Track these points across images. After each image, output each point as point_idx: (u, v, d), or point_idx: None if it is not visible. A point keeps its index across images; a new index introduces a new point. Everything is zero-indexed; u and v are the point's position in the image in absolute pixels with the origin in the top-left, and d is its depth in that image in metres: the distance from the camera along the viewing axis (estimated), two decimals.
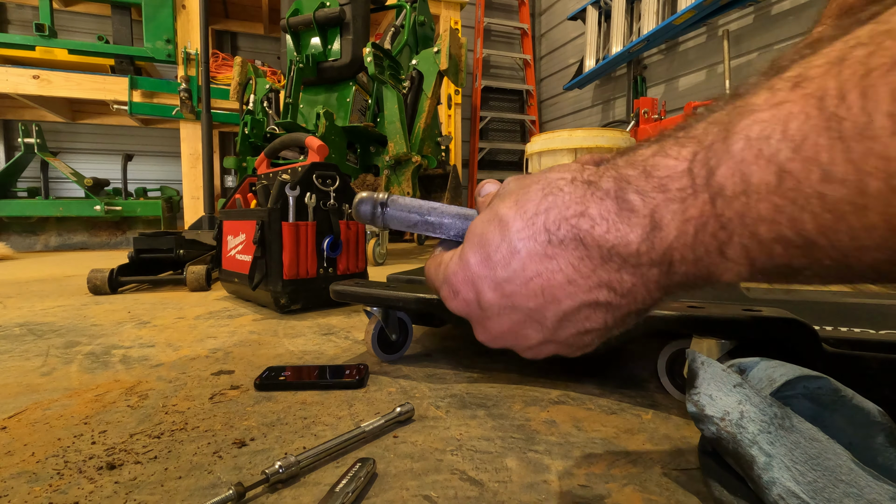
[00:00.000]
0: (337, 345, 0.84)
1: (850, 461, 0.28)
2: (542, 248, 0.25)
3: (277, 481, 0.39)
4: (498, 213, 0.26)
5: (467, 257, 0.27)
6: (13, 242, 3.14)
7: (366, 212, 0.32)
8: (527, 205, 0.26)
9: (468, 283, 0.27)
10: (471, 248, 0.27)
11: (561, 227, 0.24)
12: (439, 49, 2.45)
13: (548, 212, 0.25)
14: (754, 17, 2.86)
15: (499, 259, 0.26)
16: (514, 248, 0.25)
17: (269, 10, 4.65)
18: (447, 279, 0.28)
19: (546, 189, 0.26)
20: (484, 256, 0.26)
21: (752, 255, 0.20)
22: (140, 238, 1.58)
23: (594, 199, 0.24)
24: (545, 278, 0.25)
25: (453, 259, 0.28)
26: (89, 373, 0.70)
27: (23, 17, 4.30)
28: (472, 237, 0.27)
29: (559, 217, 0.24)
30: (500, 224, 0.26)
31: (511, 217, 0.26)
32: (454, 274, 0.28)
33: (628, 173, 0.23)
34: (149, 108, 3.43)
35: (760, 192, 0.19)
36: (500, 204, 0.27)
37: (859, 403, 0.33)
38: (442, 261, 0.29)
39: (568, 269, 0.24)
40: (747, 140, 0.19)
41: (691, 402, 0.36)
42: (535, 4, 5.42)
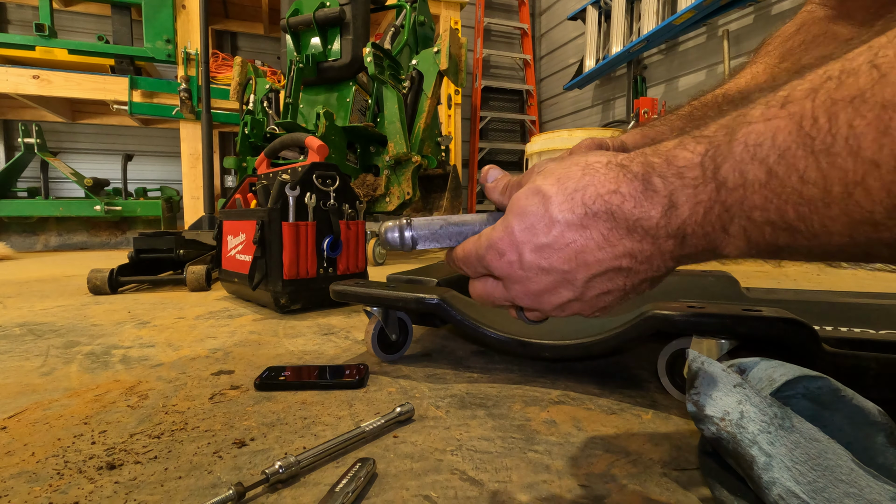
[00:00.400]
0: (337, 345, 0.84)
1: (851, 461, 0.28)
2: (579, 220, 0.29)
3: (277, 481, 0.39)
4: (541, 188, 0.30)
5: (511, 225, 0.31)
6: (13, 242, 3.14)
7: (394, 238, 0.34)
8: (567, 182, 0.30)
9: (513, 247, 0.31)
10: (514, 217, 0.31)
11: (596, 201, 0.28)
12: (439, 49, 2.45)
13: (585, 189, 0.29)
14: (754, 17, 2.86)
15: (541, 227, 0.30)
16: (554, 219, 0.29)
17: (269, 10, 4.65)
18: (493, 244, 0.31)
19: (585, 169, 0.30)
20: (527, 225, 0.30)
21: (748, 233, 0.25)
22: (140, 238, 1.58)
23: (625, 179, 0.28)
24: (579, 245, 0.29)
25: (496, 228, 0.32)
26: (89, 373, 0.70)
27: (23, 17, 4.29)
28: (515, 208, 0.31)
29: (595, 193, 0.28)
30: (543, 197, 0.30)
31: (553, 192, 0.30)
32: (500, 239, 0.31)
33: (654, 160, 0.28)
34: (149, 108, 3.42)
35: (754, 185, 0.24)
36: (543, 181, 0.31)
37: (859, 403, 0.33)
38: (481, 234, 0.33)
39: (599, 238, 0.29)
40: (745, 145, 0.24)
41: (691, 401, 0.36)
42: (535, 4, 5.41)
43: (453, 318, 0.65)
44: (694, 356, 0.37)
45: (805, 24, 0.49)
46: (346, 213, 1.18)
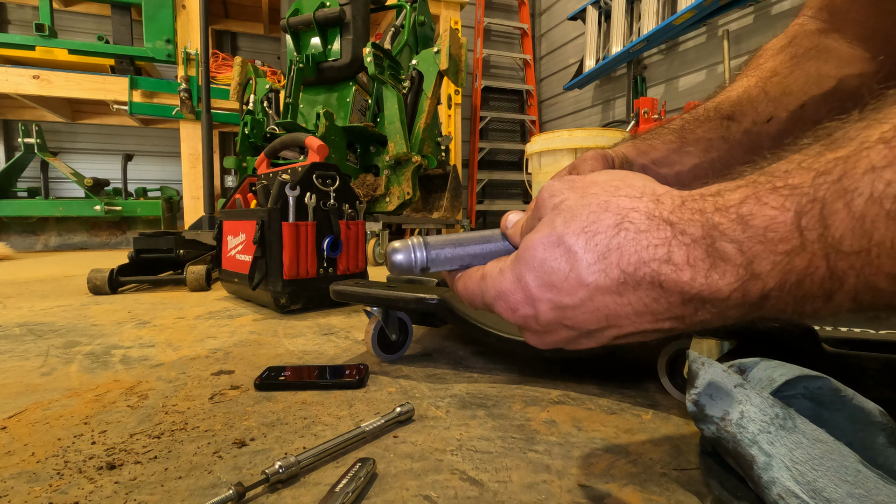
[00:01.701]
0: (337, 345, 0.84)
1: (858, 463, 0.28)
2: (615, 286, 0.24)
3: (277, 481, 0.39)
4: (563, 240, 0.25)
5: (525, 278, 0.26)
6: (13, 242, 3.14)
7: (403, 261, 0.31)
8: (597, 236, 0.24)
9: (528, 303, 0.27)
10: (528, 269, 0.26)
11: (639, 269, 0.23)
12: (439, 49, 2.45)
13: (622, 249, 0.24)
14: (754, 17, 2.86)
15: (565, 287, 0.25)
16: (582, 281, 0.25)
17: (269, 10, 4.65)
18: (502, 295, 0.28)
19: (619, 221, 0.24)
20: (546, 281, 0.26)
21: (859, 298, 0.20)
22: (140, 238, 1.58)
23: (679, 244, 0.23)
24: (612, 310, 0.25)
25: (504, 276, 0.28)
26: (89, 373, 0.70)
27: (23, 17, 4.29)
28: (530, 259, 0.26)
29: (638, 259, 0.23)
30: (568, 253, 0.25)
31: (580, 248, 0.25)
32: (511, 293, 0.27)
33: (718, 221, 0.22)
34: (149, 108, 3.43)
35: (883, 247, 0.19)
36: (564, 228, 0.25)
37: (860, 403, 0.33)
38: (486, 274, 0.29)
39: (639, 306, 0.24)
40: (870, 198, 0.19)
41: (691, 401, 0.36)
42: (535, 4, 5.41)
43: (453, 317, 0.65)
44: (694, 357, 0.37)
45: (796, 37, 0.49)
46: (346, 213, 1.18)
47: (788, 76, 0.46)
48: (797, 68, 0.47)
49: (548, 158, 1.93)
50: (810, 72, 0.45)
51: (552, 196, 0.28)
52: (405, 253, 0.30)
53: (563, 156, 1.89)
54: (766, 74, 0.48)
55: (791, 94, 0.45)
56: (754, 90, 0.47)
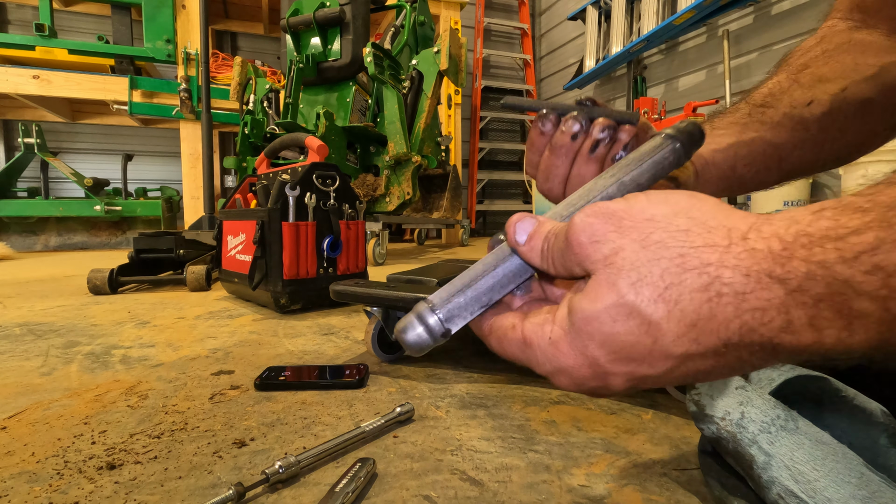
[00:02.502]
0: (337, 345, 0.84)
1: (862, 465, 0.28)
2: (711, 352, 0.21)
3: (277, 481, 0.39)
4: (637, 310, 0.21)
5: (591, 353, 0.22)
6: (13, 242, 3.14)
7: (419, 337, 0.25)
8: (681, 302, 0.20)
9: (598, 377, 0.23)
10: (595, 344, 0.22)
11: (746, 336, 0.20)
12: (439, 49, 2.45)
13: (719, 317, 0.20)
14: (754, 17, 2.86)
15: (647, 360, 0.21)
16: (669, 353, 0.21)
17: (269, 10, 4.65)
18: (563, 372, 0.23)
19: (709, 283, 0.20)
20: (622, 356, 0.22)
21: None
22: (140, 238, 1.58)
23: (798, 305, 0.19)
24: (703, 370, 0.22)
25: (559, 349, 0.23)
26: (89, 373, 0.70)
27: (23, 17, 4.29)
28: (595, 333, 0.22)
29: (742, 325, 0.19)
30: (647, 325, 0.21)
31: (661, 318, 0.20)
32: (574, 369, 0.23)
33: (849, 275, 0.18)
34: (149, 108, 3.42)
35: None
36: (632, 293, 0.21)
37: (861, 404, 0.33)
38: (529, 342, 0.24)
39: (739, 363, 0.21)
40: None
41: (692, 401, 0.36)
42: (535, 4, 5.41)
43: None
44: None
45: (826, 36, 0.48)
46: (346, 213, 1.18)
47: (822, 67, 0.45)
48: (830, 60, 0.45)
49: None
50: (846, 62, 0.44)
51: (597, 242, 0.22)
52: (414, 327, 0.25)
53: None
54: (796, 69, 0.46)
55: (828, 80, 0.44)
56: (786, 82, 0.46)
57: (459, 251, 3.11)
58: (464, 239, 3.67)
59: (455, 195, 3.11)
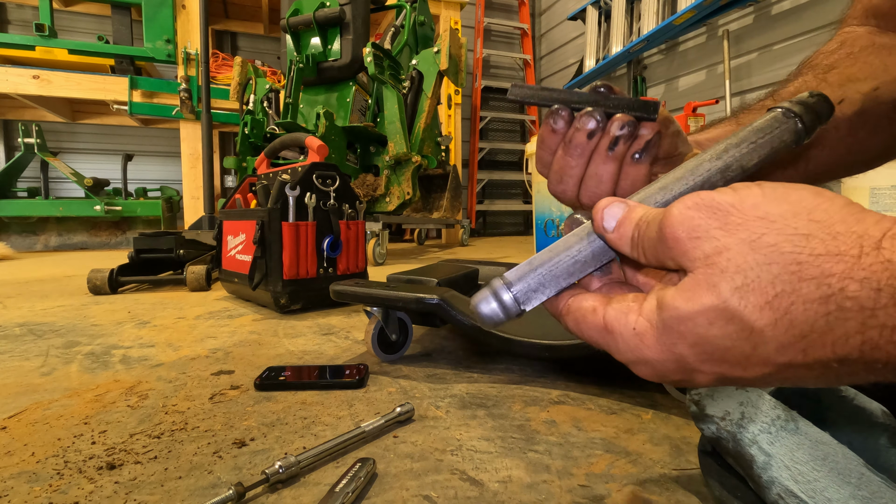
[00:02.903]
0: (337, 345, 0.84)
1: (862, 466, 0.28)
2: (820, 364, 0.19)
3: (277, 481, 0.39)
4: (738, 315, 0.19)
5: (680, 351, 0.21)
6: (13, 242, 3.13)
7: (493, 312, 0.25)
8: (791, 313, 0.18)
9: (682, 372, 0.22)
10: (686, 344, 0.21)
11: (867, 354, 0.18)
12: (439, 49, 2.45)
13: (837, 331, 0.18)
14: (754, 17, 2.86)
15: (742, 364, 0.20)
16: (769, 361, 0.20)
17: (269, 10, 4.65)
18: (645, 363, 0.22)
19: (829, 295, 0.18)
20: (715, 358, 0.20)
21: None
22: (140, 238, 1.58)
23: None
24: (799, 378, 0.20)
25: (645, 341, 0.22)
26: (89, 373, 0.70)
27: (23, 17, 4.29)
28: (688, 333, 0.20)
29: (864, 342, 0.18)
30: (748, 332, 0.19)
31: (766, 326, 0.19)
32: (659, 363, 0.22)
33: None
34: (149, 108, 3.42)
35: None
36: (736, 297, 0.19)
37: (861, 403, 0.33)
38: (610, 328, 0.23)
39: (840, 375, 0.20)
40: None
41: (692, 401, 0.36)
42: (535, 4, 5.41)
43: (453, 318, 0.65)
44: None
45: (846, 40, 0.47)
46: (346, 213, 1.18)
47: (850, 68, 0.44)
48: (857, 61, 0.44)
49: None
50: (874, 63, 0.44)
51: (697, 238, 0.20)
52: (489, 302, 0.25)
53: None
54: (822, 71, 0.45)
55: (858, 80, 0.43)
56: (813, 82, 0.44)
57: (459, 251, 3.11)
58: (464, 239, 3.67)
59: (455, 195, 3.11)
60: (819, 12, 2.48)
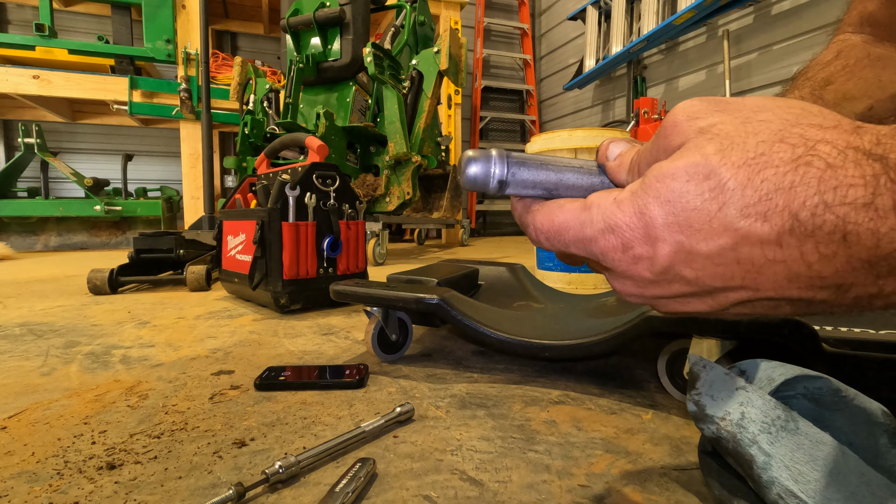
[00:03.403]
0: (337, 345, 0.84)
1: (862, 466, 0.28)
2: (775, 235, 0.19)
3: (277, 481, 0.39)
4: (715, 171, 0.20)
5: (650, 211, 0.21)
6: (13, 242, 3.13)
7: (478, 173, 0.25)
8: (765, 171, 0.19)
9: (647, 241, 0.21)
10: (658, 201, 0.21)
11: (818, 215, 0.18)
12: (439, 49, 2.45)
13: (797, 189, 0.18)
14: (754, 17, 2.86)
15: (704, 230, 0.20)
16: (730, 225, 0.19)
17: (269, 10, 4.65)
18: (613, 229, 0.22)
19: (801, 155, 0.19)
20: (680, 220, 0.20)
21: None
22: (140, 238, 1.58)
23: (890, 184, 0.17)
24: (757, 265, 0.20)
25: (622, 207, 0.22)
26: (89, 373, 0.70)
27: (23, 17, 4.29)
28: (664, 190, 0.21)
29: (819, 202, 0.18)
30: (719, 189, 0.19)
31: (737, 183, 0.19)
32: (627, 227, 0.22)
33: None
34: (149, 108, 3.42)
35: None
36: (717, 155, 0.20)
37: (861, 404, 0.33)
38: (591, 204, 0.23)
39: (798, 265, 0.19)
40: None
41: (692, 401, 0.36)
42: (535, 4, 5.41)
43: (453, 318, 0.65)
44: (696, 359, 0.37)
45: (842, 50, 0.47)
46: (346, 213, 1.18)
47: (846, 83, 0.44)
48: (853, 76, 0.44)
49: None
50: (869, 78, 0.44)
51: (693, 118, 0.21)
52: (482, 164, 0.25)
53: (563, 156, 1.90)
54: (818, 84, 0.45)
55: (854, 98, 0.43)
56: (809, 98, 0.44)
57: (459, 251, 3.11)
58: (464, 239, 3.67)
59: (455, 195, 3.11)
60: (819, 12, 2.48)
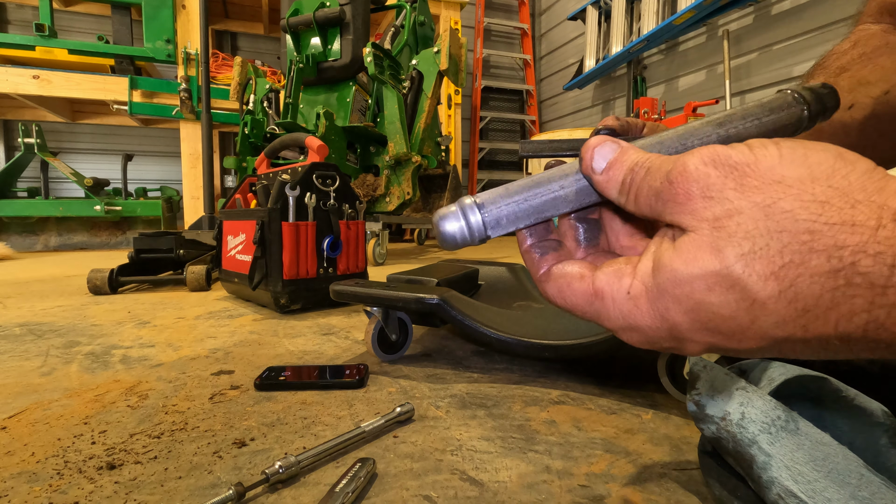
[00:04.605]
0: (337, 345, 0.84)
1: (862, 467, 0.28)
2: (815, 339, 0.18)
3: (277, 481, 0.39)
4: (740, 283, 0.18)
5: (673, 317, 0.20)
6: (13, 242, 3.13)
7: (456, 231, 0.23)
8: (797, 285, 0.17)
9: (674, 339, 0.21)
10: (681, 309, 0.19)
11: (871, 333, 0.17)
12: (439, 49, 2.45)
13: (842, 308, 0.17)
14: (754, 17, 2.86)
15: (737, 336, 0.19)
16: (766, 335, 0.18)
17: (269, 10, 4.65)
18: (636, 327, 0.21)
19: (838, 269, 0.17)
20: (710, 327, 0.19)
21: None
22: (140, 238, 1.58)
23: None
24: (794, 351, 0.19)
25: (638, 306, 0.21)
26: (89, 373, 0.70)
27: (23, 17, 4.29)
28: (684, 298, 0.19)
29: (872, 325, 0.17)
30: (749, 303, 0.18)
31: (769, 298, 0.17)
32: (651, 329, 0.21)
33: None
34: (149, 108, 3.42)
35: None
36: (739, 264, 0.18)
37: (861, 404, 0.33)
38: (601, 293, 0.22)
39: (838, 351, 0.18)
40: None
41: (692, 401, 0.36)
42: (535, 4, 5.41)
43: (453, 318, 0.65)
44: (696, 359, 0.37)
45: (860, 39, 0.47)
46: (346, 213, 1.18)
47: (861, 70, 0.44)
48: (869, 63, 0.44)
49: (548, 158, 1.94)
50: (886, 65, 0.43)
51: (710, 198, 0.19)
52: (453, 219, 0.23)
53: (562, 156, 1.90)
54: (834, 73, 0.45)
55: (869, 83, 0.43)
56: None
57: (459, 251, 3.11)
58: None
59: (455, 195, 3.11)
60: (819, 12, 2.48)
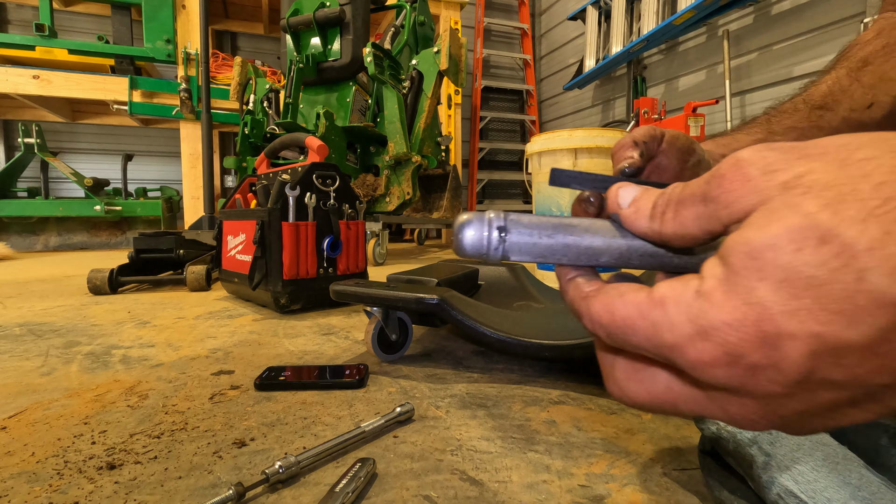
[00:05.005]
0: (337, 345, 0.84)
1: (862, 467, 0.28)
2: None
3: (277, 481, 0.39)
4: (833, 233, 0.14)
5: (760, 297, 0.15)
6: (13, 242, 3.13)
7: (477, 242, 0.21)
8: (889, 203, 0.14)
9: (765, 343, 0.15)
10: (766, 282, 0.15)
11: None
12: (439, 49, 2.45)
13: None
14: (754, 17, 2.86)
15: (847, 311, 0.14)
16: (882, 296, 0.14)
17: (269, 10, 4.65)
18: (709, 330, 0.16)
19: None
20: (809, 303, 0.15)
21: None
22: (140, 238, 1.58)
23: None
24: None
25: (713, 300, 0.16)
26: (89, 373, 0.70)
27: (23, 17, 4.29)
28: (767, 266, 0.15)
29: None
30: (848, 254, 0.14)
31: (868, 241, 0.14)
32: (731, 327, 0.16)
33: None
34: (149, 108, 3.42)
35: None
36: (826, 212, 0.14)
37: None
38: (664, 299, 0.17)
39: None
40: None
41: None
42: (535, 4, 5.41)
43: (453, 318, 0.65)
44: None
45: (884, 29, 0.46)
46: (346, 213, 1.18)
47: (883, 64, 0.43)
48: (892, 56, 0.43)
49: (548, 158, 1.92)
50: None
51: (770, 171, 0.16)
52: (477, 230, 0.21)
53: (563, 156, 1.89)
54: (856, 65, 0.44)
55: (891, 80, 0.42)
56: (845, 80, 0.43)
57: None
58: None
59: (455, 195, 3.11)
60: (819, 12, 2.48)
